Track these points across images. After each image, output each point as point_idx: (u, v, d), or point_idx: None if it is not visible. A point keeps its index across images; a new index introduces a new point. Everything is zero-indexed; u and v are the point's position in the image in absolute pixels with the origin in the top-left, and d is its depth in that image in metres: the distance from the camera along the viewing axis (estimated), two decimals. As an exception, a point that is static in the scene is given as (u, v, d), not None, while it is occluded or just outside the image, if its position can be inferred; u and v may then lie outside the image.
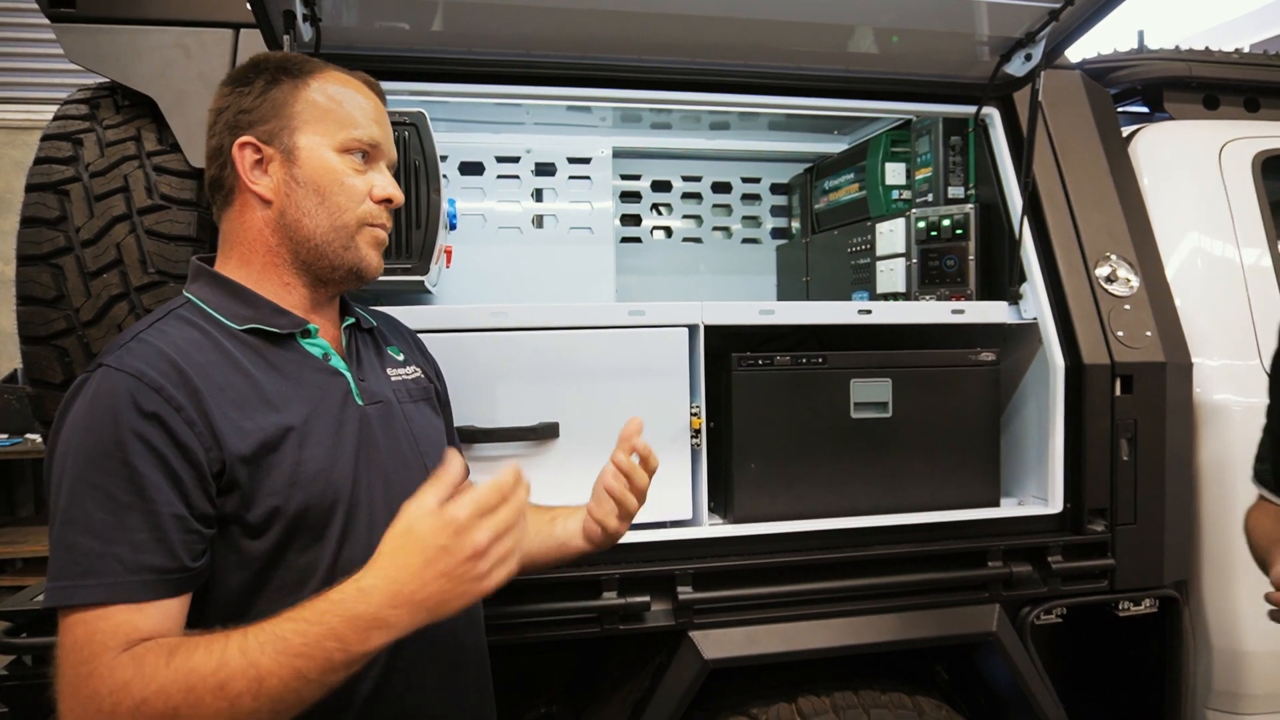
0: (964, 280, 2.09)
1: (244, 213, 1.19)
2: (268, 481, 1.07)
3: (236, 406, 1.07)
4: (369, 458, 1.17)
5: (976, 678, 2.00)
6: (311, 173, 1.17)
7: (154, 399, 1.00)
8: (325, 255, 1.19)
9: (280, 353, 1.15)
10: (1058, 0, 1.70)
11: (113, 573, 0.96)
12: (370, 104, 1.24)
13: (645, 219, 2.88)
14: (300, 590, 1.08)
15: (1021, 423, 1.99)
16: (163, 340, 1.07)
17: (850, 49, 1.89)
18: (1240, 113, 2.35)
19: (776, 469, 1.80)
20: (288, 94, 1.18)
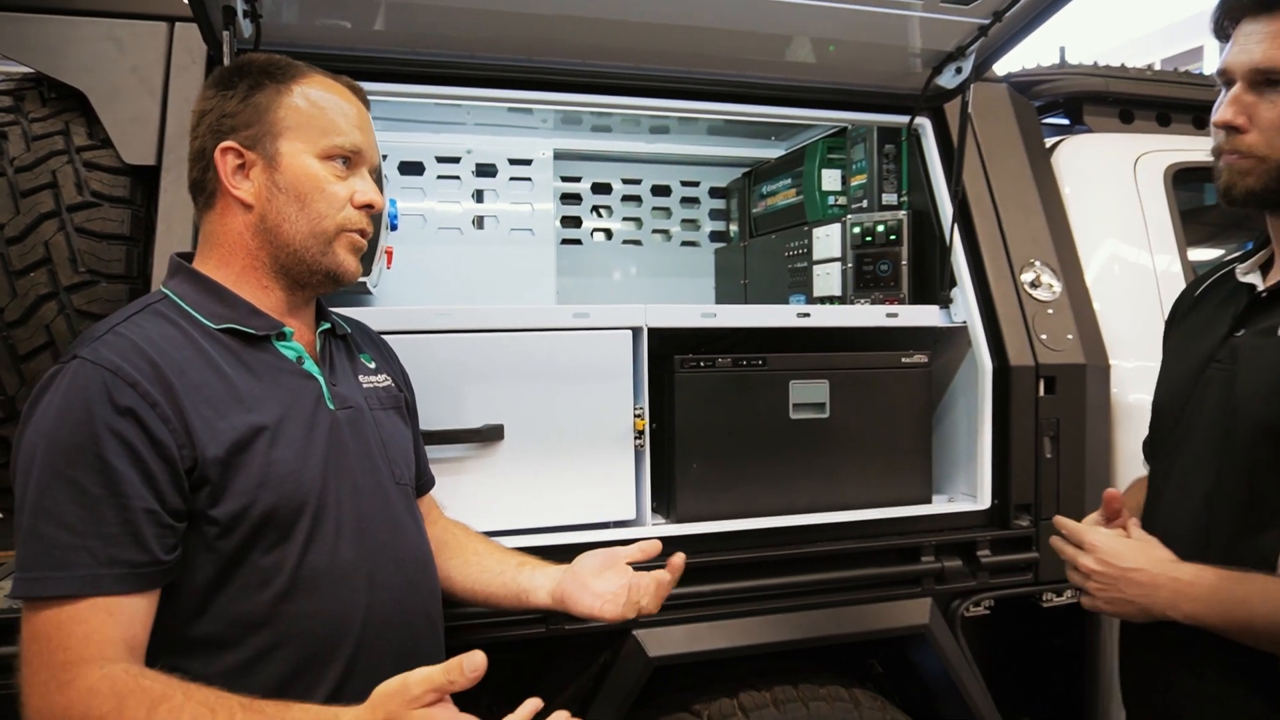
0: (897, 284, 2.15)
1: (225, 216, 1.19)
2: (238, 480, 1.07)
3: (210, 405, 1.07)
4: (338, 462, 1.17)
5: (909, 670, 2.06)
6: (293, 179, 1.17)
7: (129, 394, 1.01)
8: (303, 260, 1.19)
9: (255, 354, 1.16)
10: (986, 17, 1.77)
11: (85, 565, 0.97)
12: (354, 109, 1.24)
13: (585, 221, 2.89)
14: (263, 590, 1.09)
15: (951, 422, 2.07)
16: (139, 335, 1.07)
17: (788, 58, 1.93)
18: (1153, 127, 2.48)
19: (718, 469, 1.84)
20: (271, 99, 1.18)
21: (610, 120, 2.67)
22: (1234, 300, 1.26)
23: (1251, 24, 1.14)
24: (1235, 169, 1.17)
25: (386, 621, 1.19)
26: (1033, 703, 2.15)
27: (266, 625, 1.10)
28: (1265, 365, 1.15)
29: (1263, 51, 1.11)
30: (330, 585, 1.14)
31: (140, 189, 1.67)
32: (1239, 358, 1.19)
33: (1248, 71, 1.14)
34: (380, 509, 1.22)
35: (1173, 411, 1.30)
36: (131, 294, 1.62)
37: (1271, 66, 1.11)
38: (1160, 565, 1.17)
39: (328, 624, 1.14)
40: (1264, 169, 1.15)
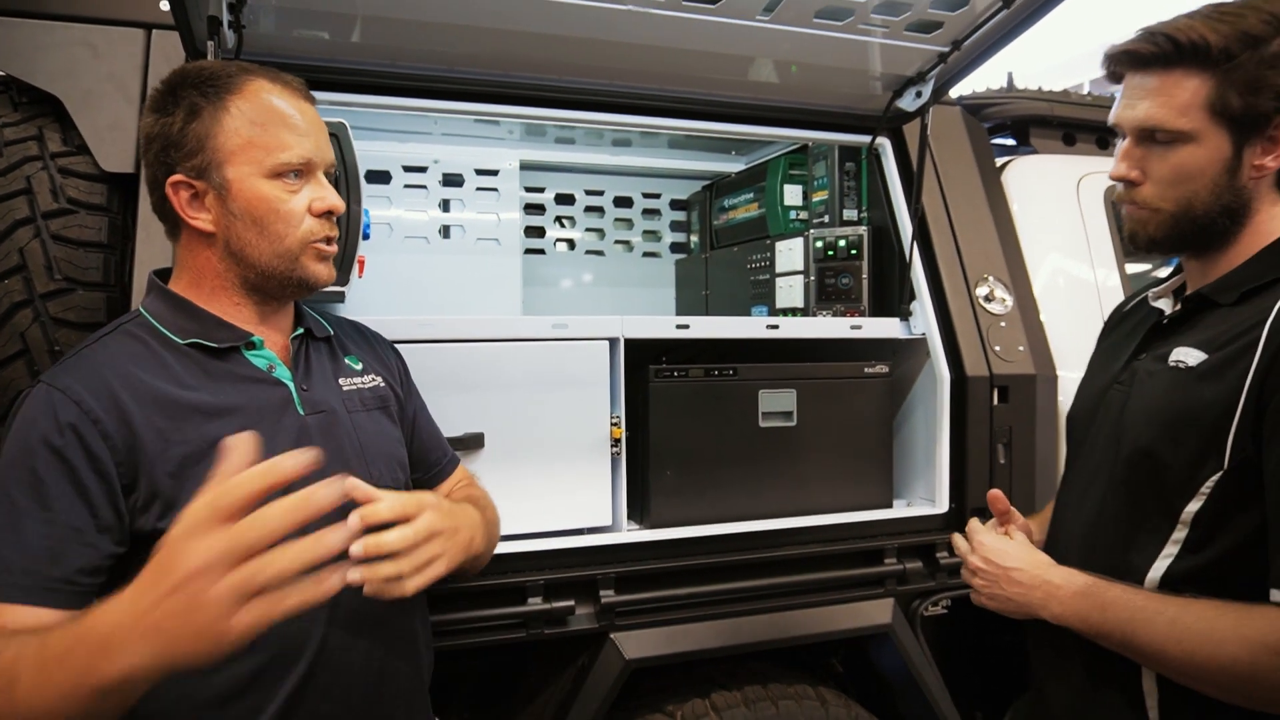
0: (858, 297, 2.24)
1: (190, 243, 1.21)
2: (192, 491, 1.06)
3: (166, 418, 1.09)
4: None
5: (869, 668, 2.14)
6: (246, 205, 1.17)
7: (72, 410, 1.04)
8: (273, 277, 1.21)
9: (220, 365, 1.17)
10: (946, 45, 1.86)
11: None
12: (296, 113, 1.21)
13: (549, 231, 2.92)
14: None
15: (910, 430, 2.15)
16: (102, 355, 1.11)
17: (753, 78, 1.99)
18: (1093, 149, 2.62)
19: (691, 476, 1.89)
20: (209, 125, 1.16)
21: (573, 132, 2.71)
22: (1145, 323, 1.30)
23: (1135, 78, 1.18)
24: (1135, 219, 1.22)
25: (351, 623, 1.19)
26: (986, 698, 2.25)
27: None
28: (1151, 390, 1.18)
29: (1145, 110, 1.15)
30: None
31: (117, 196, 1.66)
32: (1135, 381, 1.22)
33: (1135, 129, 1.18)
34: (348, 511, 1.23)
35: (1079, 428, 1.34)
36: (109, 302, 1.61)
37: (1154, 125, 1.14)
38: (1037, 567, 1.24)
39: (290, 625, 1.12)
40: (1159, 219, 1.19)
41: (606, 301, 2.98)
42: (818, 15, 1.73)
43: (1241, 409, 1.06)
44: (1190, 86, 1.12)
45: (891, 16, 1.76)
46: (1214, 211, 1.15)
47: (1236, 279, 1.16)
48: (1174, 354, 1.17)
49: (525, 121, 2.37)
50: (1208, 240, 1.19)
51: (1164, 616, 1.08)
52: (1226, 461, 1.07)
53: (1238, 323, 1.12)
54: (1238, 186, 1.14)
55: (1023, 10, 1.72)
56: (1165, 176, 1.16)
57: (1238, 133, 1.12)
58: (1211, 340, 1.14)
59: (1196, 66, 1.11)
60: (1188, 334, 1.19)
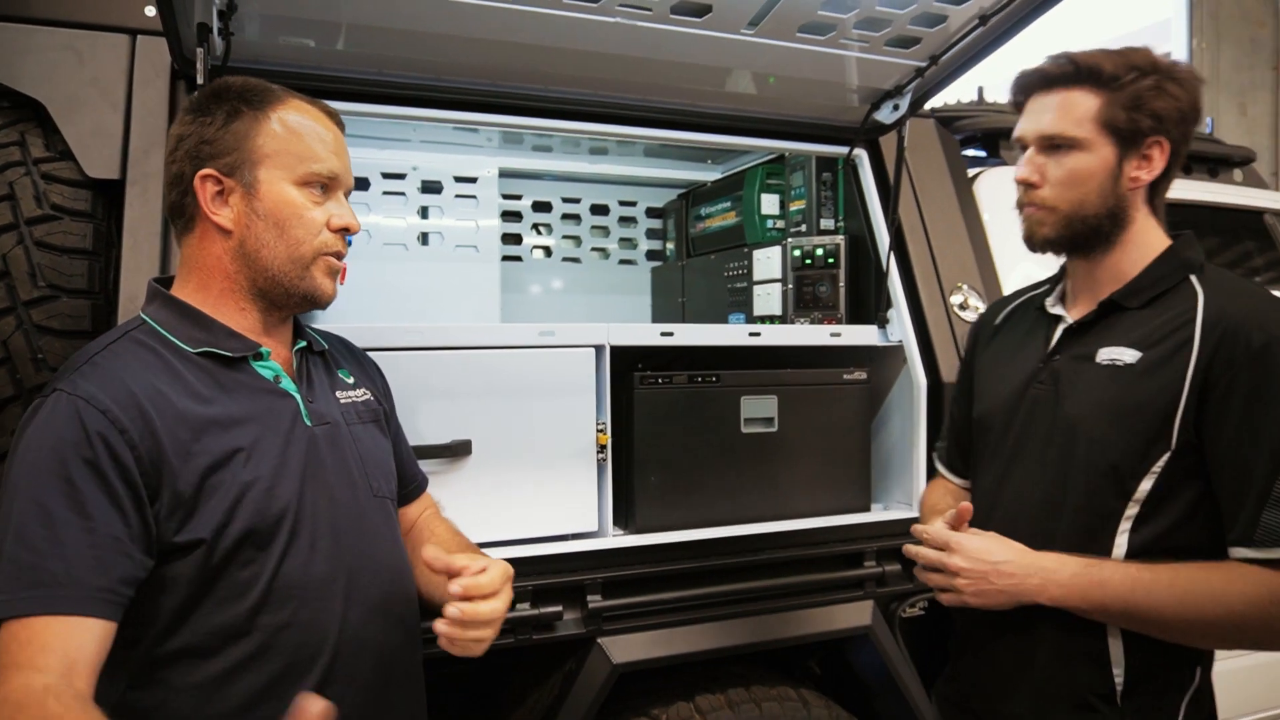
0: (835, 305, 2.28)
1: (204, 240, 1.21)
2: (214, 500, 1.10)
3: (186, 428, 1.09)
4: (315, 477, 1.20)
5: (846, 670, 2.18)
6: (271, 206, 1.20)
7: (100, 420, 1.03)
8: (281, 283, 1.21)
9: (231, 375, 1.18)
10: (924, 60, 1.91)
11: (43, 584, 0.98)
12: (330, 135, 1.26)
13: (526, 238, 2.94)
14: (240, 602, 1.12)
15: (887, 435, 2.20)
16: (117, 364, 1.10)
17: (734, 89, 2.03)
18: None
19: (675, 481, 1.91)
20: (249, 126, 1.20)
21: (550, 140, 2.73)
22: (1042, 328, 1.45)
23: (1039, 98, 1.36)
24: (1033, 219, 1.38)
25: (363, 631, 1.22)
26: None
27: (245, 636, 1.12)
28: (1086, 386, 1.32)
29: (1049, 121, 1.33)
30: (306, 597, 1.16)
31: (101, 203, 1.64)
32: (1060, 380, 1.36)
33: (1037, 138, 1.35)
34: (356, 521, 1.25)
35: (998, 428, 1.45)
36: (94, 309, 1.60)
37: (1055, 133, 1.32)
38: (1025, 556, 1.31)
39: (304, 634, 1.16)
40: (1055, 218, 1.35)
41: (583, 308, 3.00)
42: (801, 30, 1.77)
43: (1185, 398, 1.23)
44: (1085, 102, 1.31)
45: (872, 32, 1.80)
46: (1101, 214, 1.33)
47: (1140, 286, 1.34)
48: (1102, 354, 1.32)
49: (506, 130, 2.40)
50: (1094, 242, 1.35)
51: (1161, 583, 1.21)
52: (1174, 444, 1.24)
53: (1161, 324, 1.29)
54: (1120, 193, 1.32)
55: (997, 28, 1.78)
56: (1061, 179, 1.33)
57: (1121, 145, 1.31)
58: (1141, 340, 1.29)
59: (1091, 85, 1.31)
60: (1106, 335, 1.34)
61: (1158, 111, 1.29)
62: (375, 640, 1.23)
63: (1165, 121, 1.30)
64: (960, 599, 1.35)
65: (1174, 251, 1.36)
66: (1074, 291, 1.43)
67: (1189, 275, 1.32)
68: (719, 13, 1.69)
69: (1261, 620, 1.17)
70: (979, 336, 1.63)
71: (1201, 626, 1.21)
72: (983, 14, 1.77)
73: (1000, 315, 1.59)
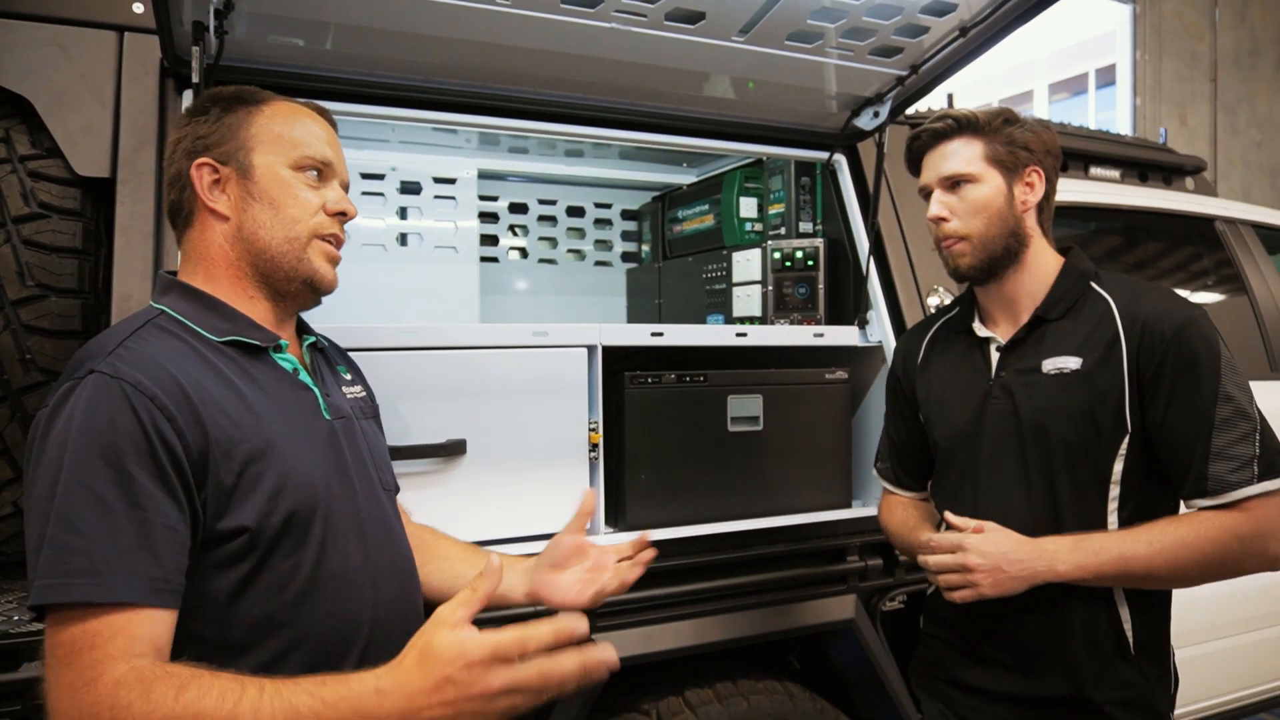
0: (814, 306, 2.33)
1: (204, 231, 1.21)
2: (257, 490, 1.09)
3: (226, 416, 1.09)
4: (338, 469, 1.21)
5: (826, 663, 2.23)
6: (266, 186, 1.21)
7: (150, 407, 1.02)
8: (280, 265, 1.21)
9: (257, 366, 1.18)
10: (904, 69, 1.97)
11: (100, 573, 0.97)
12: (323, 130, 1.28)
13: (502, 239, 2.94)
14: (282, 593, 1.12)
15: (866, 432, 2.25)
16: (151, 349, 1.08)
17: (717, 94, 2.07)
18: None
19: (664, 479, 1.94)
20: (242, 119, 1.22)
21: (527, 143, 2.74)
22: (974, 349, 1.62)
23: (934, 152, 1.59)
24: (954, 253, 1.57)
25: (389, 619, 1.23)
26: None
27: (285, 627, 1.12)
28: (1041, 395, 1.49)
29: (947, 165, 1.55)
30: (342, 587, 1.17)
31: (90, 201, 1.62)
32: (1014, 393, 1.52)
33: (940, 180, 1.56)
34: (376, 514, 1.26)
35: (966, 445, 1.59)
36: (84, 309, 1.58)
37: (954, 172, 1.54)
38: (1025, 543, 1.44)
39: (341, 624, 1.17)
40: (971, 247, 1.54)
41: (558, 310, 3.01)
42: (789, 38, 1.81)
43: (1127, 387, 1.44)
44: (972, 146, 1.55)
45: (856, 41, 1.85)
46: (1005, 234, 1.54)
47: (1055, 299, 1.53)
48: (1046, 364, 1.50)
49: (485, 131, 2.40)
50: (1006, 263, 1.55)
51: (1142, 542, 1.39)
52: (1129, 427, 1.44)
53: (1088, 330, 1.49)
54: (1015, 215, 1.54)
55: (976, 39, 1.85)
56: (966, 210, 1.54)
57: (1006, 174, 1.54)
58: (1077, 347, 1.48)
59: (972, 134, 1.55)
60: (1040, 347, 1.52)
61: (1029, 144, 1.54)
62: (398, 629, 1.24)
63: (1036, 152, 1.55)
64: (979, 592, 1.43)
65: (1072, 265, 1.57)
66: (990, 313, 1.63)
67: (1090, 283, 1.54)
68: (712, 20, 1.73)
69: (1222, 555, 1.37)
70: (907, 361, 1.77)
71: (1182, 569, 1.38)
72: (962, 26, 1.83)
73: (924, 341, 1.75)
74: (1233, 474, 1.37)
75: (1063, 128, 2.91)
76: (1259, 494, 1.36)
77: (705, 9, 1.70)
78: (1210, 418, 1.38)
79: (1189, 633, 2.48)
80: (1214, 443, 1.38)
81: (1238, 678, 2.76)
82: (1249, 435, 1.38)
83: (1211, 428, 1.38)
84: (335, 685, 0.93)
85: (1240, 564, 1.39)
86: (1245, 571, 1.41)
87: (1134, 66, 8.08)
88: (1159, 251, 2.99)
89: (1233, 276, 2.96)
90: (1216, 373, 1.40)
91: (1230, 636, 2.69)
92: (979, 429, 1.56)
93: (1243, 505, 1.37)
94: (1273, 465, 1.38)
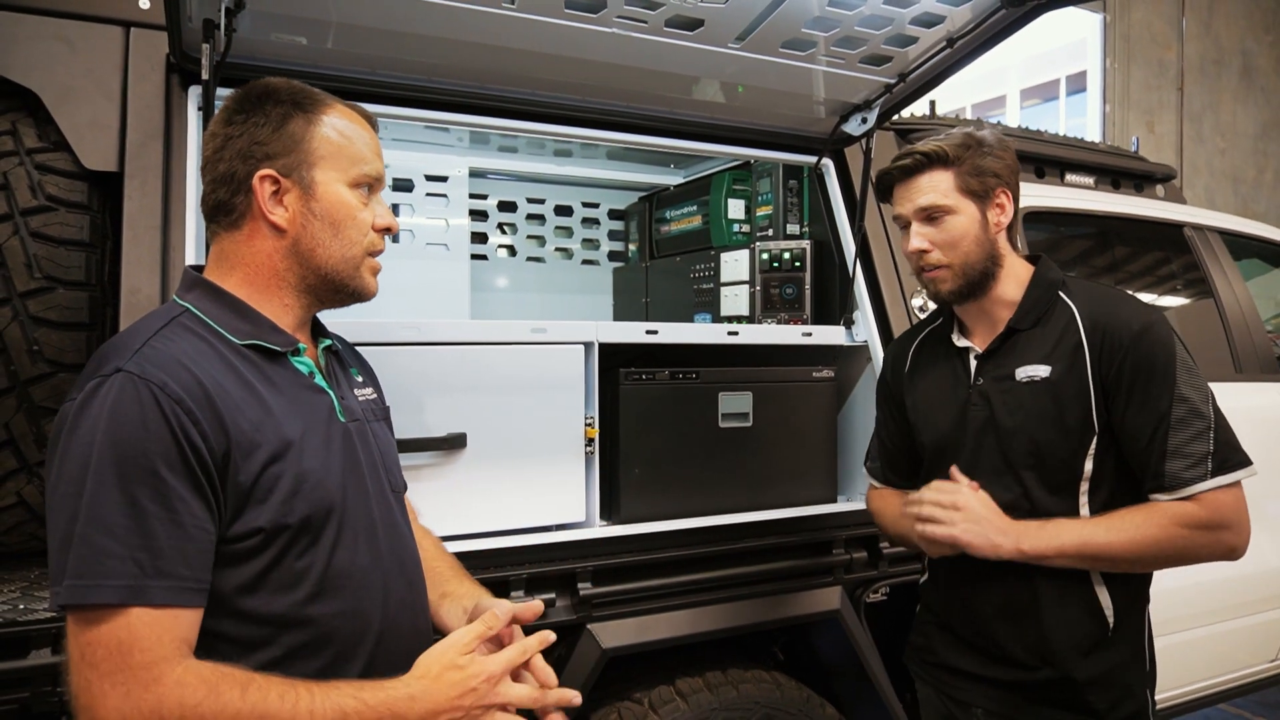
0: (801, 306, 2.39)
1: (254, 238, 1.22)
2: (275, 491, 1.12)
3: (246, 419, 1.11)
4: (352, 471, 1.23)
5: (810, 653, 2.29)
6: (328, 207, 1.22)
7: (176, 409, 1.04)
8: (332, 282, 1.24)
9: (276, 369, 1.20)
10: (893, 77, 2.03)
11: (132, 575, 0.99)
12: (373, 140, 1.30)
13: (491, 237, 2.98)
14: (295, 591, 1.14)
15: (851, 429, 2.32)
16: (175, 349, 1.09)
17: (710, 98, 2.12)
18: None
19: (657, 473, 1.99)
20: (303, 129, 1.21)
21: (517, 142, 2.78)
22: (953, 358, 1.70)
23: (905, 185, 1.64)
24: (935, 280, 1.63)
25: (398, 619, 1.26)
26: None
27: (298, 625, 1.14)
28: (1017, 401, 1.58)
29: (924, 199, 1.61)
30: (354, 586, 1.20)
31: (97, 195, 1.64)
32: (991, 400, 1.61)
33: (916, 212, 1.62)
34: (386, 515, 1.29)
35: (952, 448, 1.66)
36: (91, 302, 1.59)
37: (931, 204, 1.60)
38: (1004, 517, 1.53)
39: (352, 622, 1.19)
40: (951, 274, 1.61)
41: (545, 307, 3.06)
42: (783, 45, 1.87)
43: (1093, 390, 1.52)
44: (943, 179, 1.60)
45: (848, 50, 1.91)
46: (984, 259, 1.61)
47: (1027, 309, 1.61)
48: (1020, 372, 1.58)
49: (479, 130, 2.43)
50: (985, 284, 1.62)
51: (1102, 528, 1.48)
52: (1097, 428, 1.52)
53: (1055, 339, 1.57)
54: (990, 239, 1.61)
55: (962, 49, 1.91)
56: (945, 241, 1.60)
57: (979, 202, 1.60)
58: (1047, 356, 1.57)
59: (941, 166, 1.60)
60: (1013, 356, 1.60)
61: (996, 170, 1.61)
62: (407, 628, 1.27)
63: (1003, 176, 1.61)
64: (951, 533, 1.51)
65: (1041, 275, 1.65)
66: (967, 324, 1.71)
67: (1058, 292, 1.62)
68: (710, 27, 1.78)
69: (1177, 544, 1.46)
70: (896, 369, 1.84)
71: (1138, 555, 1.47)
72: (950, 37, 1.90)
73: (910, 349, 1.83)
74: (1187, 470, 1.45)
75: (1039, 135, 3.00)
76: (1212, 489, 1.45)
77: (704, 16, 1.75)
78: (1166, 418, 1.47)
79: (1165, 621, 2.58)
80: (1170, 441, 1.46)
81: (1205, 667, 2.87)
82: (1203, 433, 1.47)
83: (1168, 427, 1.47)
84: (374, 690, 1.06)
85: (1196, 553, 1.47)
86: (1202, 559, 1.49)
87: (1104, 74, 8.25)
88: (1130, 256, 3.09)
89: (1200, 281, 3.07)
90: (1172, 374, 1.48)
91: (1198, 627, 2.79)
92: (961, 433, 1.65)
93: (1197, 499, 1.45)
94: (1226, 461, 1.46)
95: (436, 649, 1.12)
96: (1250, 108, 9.27)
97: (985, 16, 1.83)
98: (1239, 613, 2.90)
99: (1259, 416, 2.83)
